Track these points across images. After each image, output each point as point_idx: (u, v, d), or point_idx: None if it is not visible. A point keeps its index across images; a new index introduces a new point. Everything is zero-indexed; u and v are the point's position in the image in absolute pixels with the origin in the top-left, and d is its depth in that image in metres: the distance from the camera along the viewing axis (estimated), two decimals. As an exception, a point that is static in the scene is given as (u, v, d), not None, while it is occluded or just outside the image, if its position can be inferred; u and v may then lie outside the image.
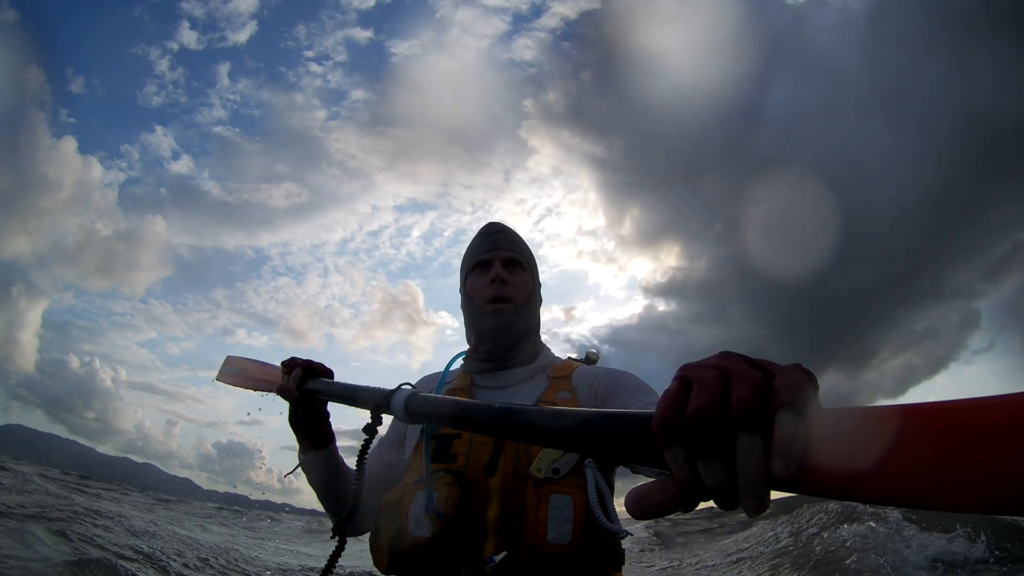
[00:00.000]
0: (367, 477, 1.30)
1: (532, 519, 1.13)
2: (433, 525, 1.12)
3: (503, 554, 1.09)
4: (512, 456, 1.20)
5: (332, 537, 1.18)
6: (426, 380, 1.52)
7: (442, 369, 1.49)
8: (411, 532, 1.13)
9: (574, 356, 1.53)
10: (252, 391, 1.48)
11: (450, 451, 1.23)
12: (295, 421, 1.28)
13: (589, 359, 1.50)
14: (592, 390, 1.33)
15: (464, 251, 1.54)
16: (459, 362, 1.50)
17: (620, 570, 1.23)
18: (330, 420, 1.31)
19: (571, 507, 1.13)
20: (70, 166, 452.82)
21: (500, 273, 1.41)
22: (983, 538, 7.56)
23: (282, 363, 1.30)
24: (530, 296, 1.45)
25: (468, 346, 1.50)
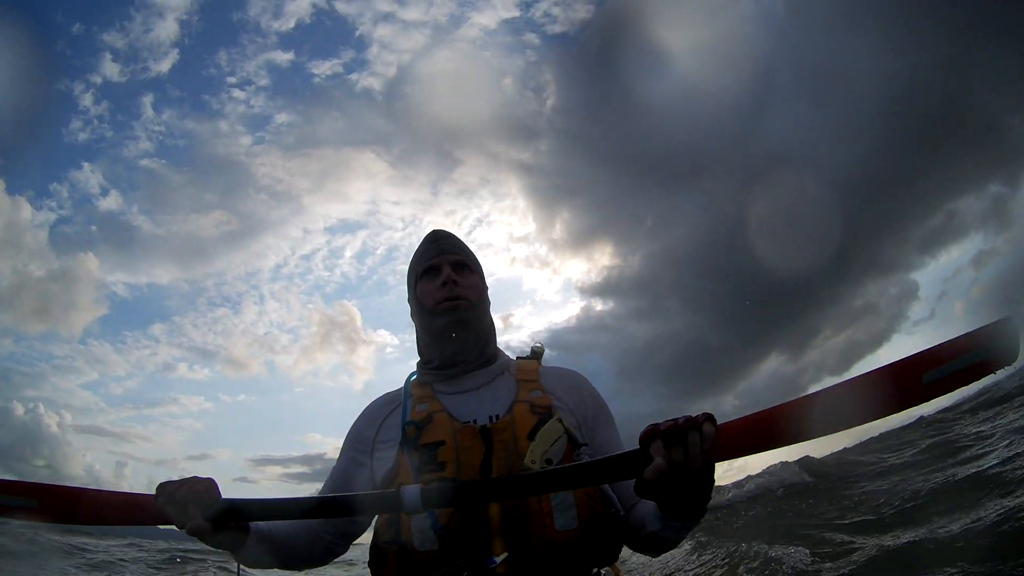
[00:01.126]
0: (341, 473, 1.39)
1: (536, 511, 1.14)
2: (439, 537, 1.13)
3: (504, 555, 1.10)
4: (503, 453, 1.20)
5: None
6: (377, 405, 1.45)
7: (388, 390, 1.47)
8: (418, 547, 1.14)
9: (522, 356, 1.53)
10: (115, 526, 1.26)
11: (437, 460, 1.21)
12: (219, 546, 1.15)
13: (535, 353, 1.51)
14: (579, 400, 1.38)
15: (409, 262, 1.52)
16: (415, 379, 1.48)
17: (619, 552, 1.26)
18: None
19: (571, 493, 1.16)
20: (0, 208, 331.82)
21: (451, 275, 1.40)
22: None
23: (158, 491, 1.12)
24: (481, 296, 1.44)
25: (420, 359, 1.47)
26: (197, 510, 1.09)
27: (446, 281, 1.39)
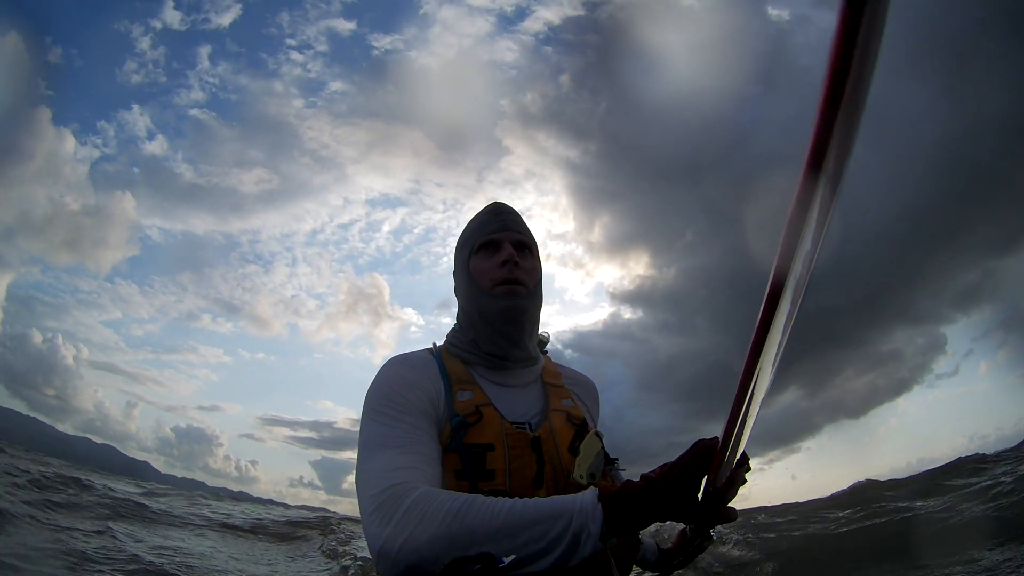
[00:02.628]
0: (430, 463, 1.09)
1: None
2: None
3: (512, 557, 1.01)
4: (551, 467, 1.15)
5: None
6: (412, 368, 1.23)
7: (407, 350, 1.31)
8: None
9: None
10: None
11: (485, 466, 1.11)
12: None
13: (541, 341, 1.42)
14: (595, 409, 1.40)
15: (462, 232, 1.39)
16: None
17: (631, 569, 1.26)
18: None
19: None
20: (43, 137, 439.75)
21: (513, 255, 1.27)
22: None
23: None
24: (539, 284, 1.34)
25: (460, 336, 1.33)
26: None
27: (507, 260, 1.27)
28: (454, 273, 1.38)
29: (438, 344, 1.34)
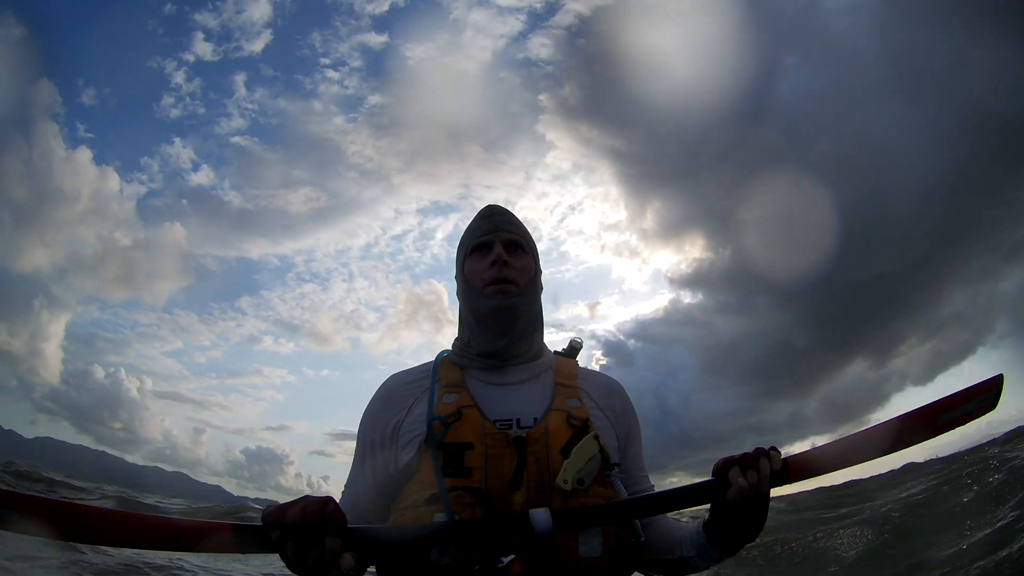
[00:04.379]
0: (365, 489, 1.26)
1: (561, 535, 1.09)
2: (458, 552, 1.07)
3: (511, 557, 1.07)
4: (535, 467, 1.14)
5: None
6: (398, 388, 1.34)
7: (409, 365, 1.40)
8: (435, 560, 1.08)
9: (560, 351, 1.45)
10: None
11: (463, 464, 1.14)
12: None
13: (573, 348, 1.44)
14: (619, 413, 1.34)
15: (461, 237, 1.45)
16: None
17: None
18: None
19: None
20: (86, 177, 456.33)
21: (502, 254, 1.31)
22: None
23: (269, 517, 0.96)
24: (532, 280, 1.36)
25: (458, 339, 1.40)
26: (336, 542, 0.94)
27: (496, 260, 1.30)
28: (455, 277, 1.42)
29: (447, 351, 1.40)
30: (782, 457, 1.11)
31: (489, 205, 1.44)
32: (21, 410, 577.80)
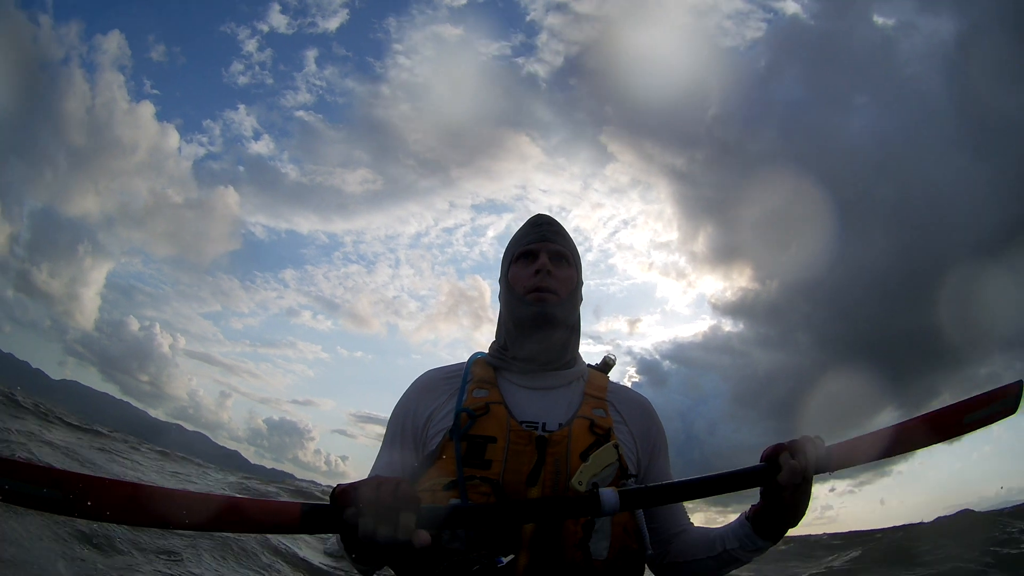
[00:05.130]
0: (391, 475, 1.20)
1: (571, 534, 1.13)
2: (468, 539, 1.11)
3: (511, 556, 1.09)
4: (553, 467, 1.18)
5: None
6: (431, 382, 1.40)
7: (447, 363, 1.43)
8: (445, 544, 1.12)
9: (594, 364, 1.49)
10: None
11: (484, 456, 1.19)
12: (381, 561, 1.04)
13: (607, 363, 1.48)
14: (645, 428, 1.37)
15: (508, 241, 1.50)
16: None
17: None
18: None
19: (609, 522, 1.16)
20: (146, 131, 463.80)
21: (546, 264, 1.36)
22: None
23: (341, 497, 0.96)
24: (573, 291, 1.39)
25: (495, 341, 1.44)
26: (412, 518, 0.94)
27: (540, 269, 1.35)
28: (499, 280, 1.48)
29: (481, 353, 1.44)
30: (825, 445, 1.16)
31: (539, 214, 1.49)
32: (51, 351, 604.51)
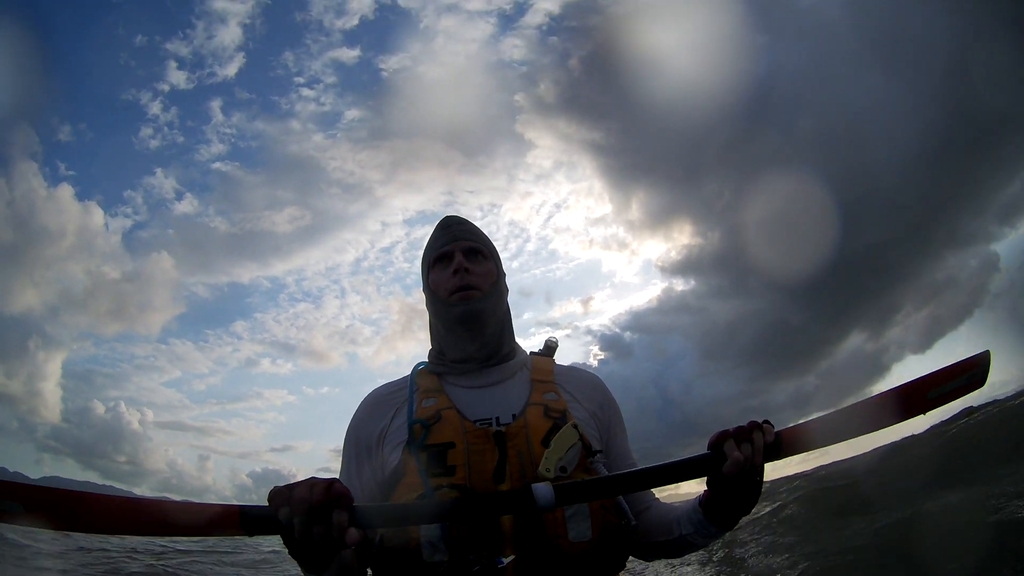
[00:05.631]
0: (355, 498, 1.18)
1: (550, 521, 1.12)
2: (449, 550, 1.09)
3: (512, 558, 1.08)
4: (517, 460, 1.16)
5: None
6: (378, 400, 1.37)
7: (390, 380, 1.42)
8: (427, 558, 1.09)
9: (536, 351, 1.48)
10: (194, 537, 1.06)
11: (446, 463, 1.16)
12: (322, 561, 1.00)
13: (549, 347, 1.47)
14: (598, 405, 1.36)
15: (423, 250, 1.47)
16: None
17: (626, 562, 1.26)
18: None
19: (585, 504, 1.14)
20: (69, 214, 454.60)
21: (462, 262, 1.34)
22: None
23: (278, 498, 0.95)
24: (495, 283, 1.39)
25: (432, 349, 1.42)
26: (344, 516, 0.93)
27: (457, 269, 1.34)
28: (423, 289, 1.45)
29: (423, 363, 1.42)
30: (775, 430, 1.11)
31: (446, 216, 1.48)
32: (25, 451, 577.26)
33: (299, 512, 0.92)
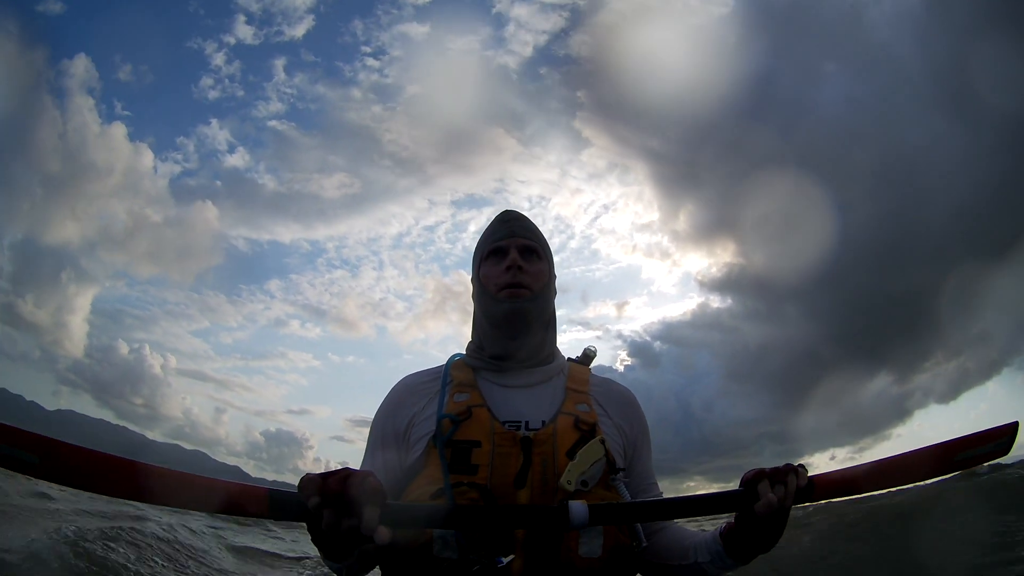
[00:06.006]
0: None
1: (564, 534, 1.11)
2: (460, 548, 1.09)
3: (511, 557, 1.09)
4: (540, 467, 1.16)
5: None
6: (410, 388, 1.37)
7: (439, 362, 1.41)
8: (437, 553, 1.10)
9: (574, 358, 1.47)
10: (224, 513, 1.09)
11: (470, 461, 1.16)
12: (345, 552, 0.98)
13: (588, 356, 1.46)
14: (629, 421, 1.35)
15: (477, 240, 1.46)
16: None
17: None
18: None
19: None
20: (120, 153, 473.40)
21: (516, 260, 1.33)
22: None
23: (308, 486, 0.93)
24: (546, 285, 1.37)
25: (471, 342, 1.42)
26: (376, 512, 0.91)
27: (511, 265, 1.33)
28: (472, 280, 1.45)
29: (459, 354, 1.42)
30: (808, 475, 1.12)
31: (506, 210, 1.47)
32: (44, 381, 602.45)
33: (330, 504, 0.90)
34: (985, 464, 1.27)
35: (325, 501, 0.91)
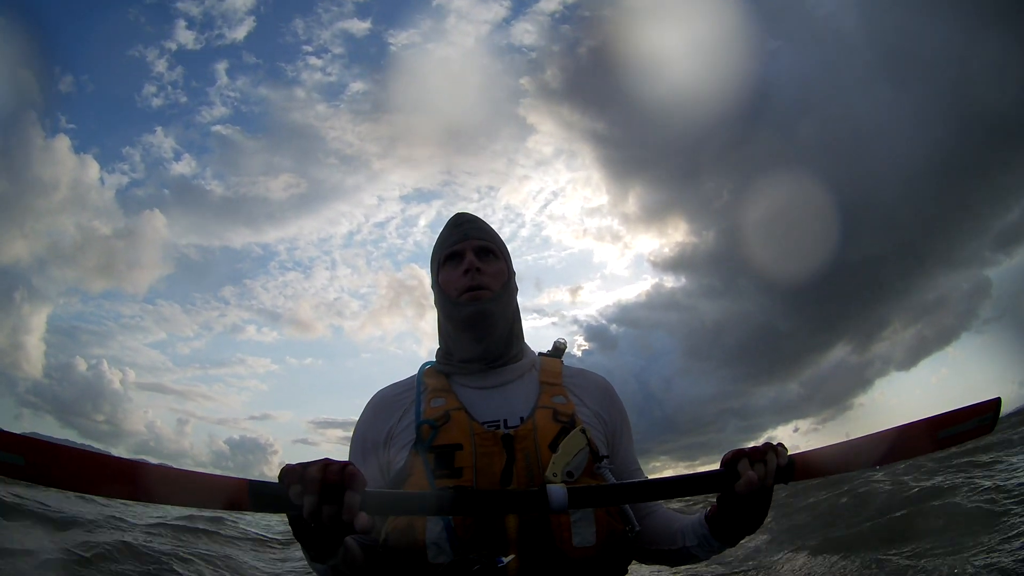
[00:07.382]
0: None
1: (556, 525, 1.12)
2: (454, 551, 1.09)
3: (512, 557, 1.08)
4: (524, 464, 1.16)
5: None
6: (385, 400, 1.36)
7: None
8: (432, 559, 1.10)
9: (545, 351, 1.46)
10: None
11: (453, 464, 1.16)
12: (328, 545, 0.99)
13: (558, 348, 1.46)
14: (606, 409, 1.36)
15: (433, 245, 1.44)
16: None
17: (628, 567, 1.26)
18: None
19: (591, 509, 1.15)
20: (65, 166, 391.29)
21: (473, 262, 1.33)
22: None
23: (288, 476, 0.93)
24: (506, 284, 1.37)
25: (439, 348, 1.42)
26: (356, 498, 0.92)
27: (468, 268, 1.32)
28: (431, 287, 1.43)
29: (430, 362, 1.41)
30: (788, 454, 1.12)
31: (458, 214, 1.46)
32: (5, 406, 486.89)
33: (311, 491, 0.90)
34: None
35: (306, 488, 0.91)
